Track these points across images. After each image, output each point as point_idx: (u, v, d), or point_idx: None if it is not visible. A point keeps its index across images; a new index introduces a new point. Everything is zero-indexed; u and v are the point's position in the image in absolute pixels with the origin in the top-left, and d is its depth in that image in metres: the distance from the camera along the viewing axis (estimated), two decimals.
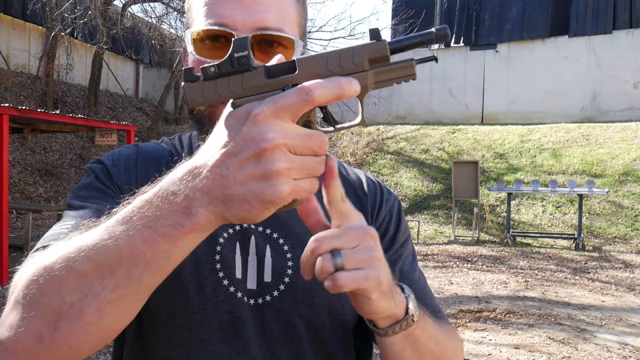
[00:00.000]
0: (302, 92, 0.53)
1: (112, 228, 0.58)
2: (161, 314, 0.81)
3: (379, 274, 0.63)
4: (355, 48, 0.58)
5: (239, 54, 0.56)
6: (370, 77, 0.58)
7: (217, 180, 0.54)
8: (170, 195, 0.56)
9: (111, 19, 15.75)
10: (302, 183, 0.55)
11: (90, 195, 0.84)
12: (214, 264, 0.83)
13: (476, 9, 18.24)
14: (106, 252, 0.57)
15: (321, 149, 0.55)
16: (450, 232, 11.66)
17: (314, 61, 0.57)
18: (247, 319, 0.82)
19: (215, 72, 0.57)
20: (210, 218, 0.55)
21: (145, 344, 0.84)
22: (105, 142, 9.65)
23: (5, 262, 6.58)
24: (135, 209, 0.58)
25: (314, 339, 0.85)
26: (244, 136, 0.53)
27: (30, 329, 0.60)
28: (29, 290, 0.60)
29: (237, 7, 0.81)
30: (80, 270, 0.58)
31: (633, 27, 16.20)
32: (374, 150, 16.31)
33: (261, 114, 0.53)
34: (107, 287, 0.58)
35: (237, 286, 0.83)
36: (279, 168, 0.52)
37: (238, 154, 0.53)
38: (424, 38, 0.60)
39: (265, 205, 0.54)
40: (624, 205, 11.61)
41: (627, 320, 5.73)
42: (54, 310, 0.59)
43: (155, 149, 0.94)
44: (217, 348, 0.81)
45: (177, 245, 0.56)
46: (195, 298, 0.81)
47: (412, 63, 0.59)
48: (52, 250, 0.63)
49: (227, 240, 0.85)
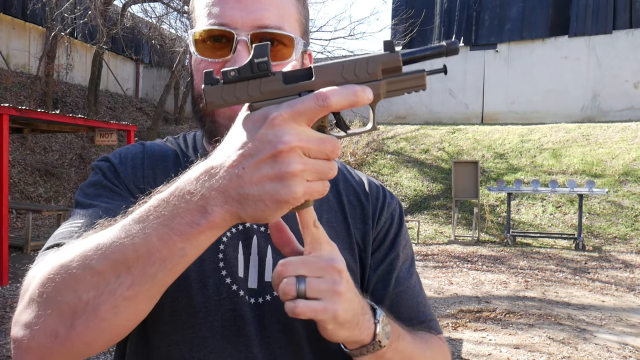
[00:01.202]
0: (319, 98, 0.55)
1: (129, 227, 0.60)
2: (165, 311, 0.82)
3: (336, 308, 0.66)
4: (369, 58, 0.60)
5: (259, 60, 0.58)
6: (382, 86, 0.60)
7: (233, 180, 0.56)
8: (186, 194, 0.57)
9: (111, 19, 15.75)
10: (315, 185, 0.57)
11: (98, 194, 0.85)
12: (217, 262, 0.84)
13: (476, 9, 18.24)
14: (123, 250, 0.59)
15: (333, 153, 0.57)
16: (450, 232, 11.66)
17: (330, 69, 0.59)
18: (248, 317, 0.83)
19: (235, 76, 0.59)
20: (225, 217, 0.57)
21: (148, 341, 0.85)
22: (105, 142, 9.65)
23: (5, 262, 6.58)
24: (152, 208, 0.59)
25: (312, 339, 0.85)
26: (261, 138, 0.55)
27: (46, 327, 0.61)
28: (45, 288, 0.62)
29: (237, 6, 0.82)
30: (97, 268, 0.60)
31: (633, 27, 16.20)
32: (374, 150, 16.31)
33: (278, 117, 0.55)
34: (123, 285, 0.59)
35: (239, 285, 0.84)
36: (294, 170, 0.54)
37: (254, 155, 0.55)
38: (435, 51, 0.63)
39: (279, 206, 0.55)
40: (624, 205, 11.61)
41: (627, 320, 5.73)
42: (70, 307, 0.60)
43: (161, 148, 0.95)
44: (219, 345, 0.82)
45: (192, 243, 0.58)
46: (199, 296, 0.82)
47: (423, 74, 0.61)
48: (69, 249, 0.64)
49: (230, 239, 0.86)
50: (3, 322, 5.18)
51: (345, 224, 0.93)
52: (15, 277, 6.77)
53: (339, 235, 0.91)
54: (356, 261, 0.92)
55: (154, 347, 0.84)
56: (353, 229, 0.93)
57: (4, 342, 4.64)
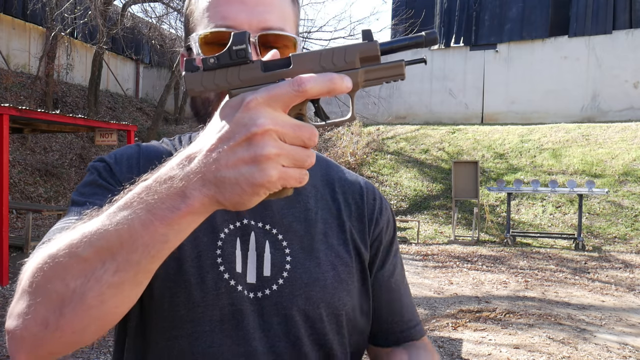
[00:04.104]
0: (294, 84, 0.55)
1: (114, 214, 0.60)
2: (164, 307, 0.83)
3: None
4: (347, 47, 0.61)
5: (237, 47, 0.59)
6: (360, 74, 0.61)
7: (210, 164, 0.56)
8: (167, 180, 0.58)
9: (111, 19, 15.75)
10: (291, 171, 0.56)
11: (93, 192, 0.86)
12: (215, 258, 0.85)
13: (476, 9, 18.23)
14: (107, 236, 0.59)
15: (311, 141, 0.57)
16: (450, 232, 11.66)
17: (308, 57, 0.60)
18: (247, 311, 0.85)
19: (214, 63, 0.60)
20: (204, 201, 0.57)
21: (147, 336, 0.86)
22: (105, 142, 9.65)
23: (5, 262, 6.58)
24: (136, 194, 0.60)
25: (311, 332, 0.87)
26: (237, 121, 0.56)
27: (37, 316, 0.62)
28: (34, 278, 0.62)
29: (242, 8, 0.83)
30: (83, 255, 0.60)
31: (633, 27, 16.20)
32: (374, 150, 16.31)
33: (253, 101, 0.55)
34: (108, 271, 0.59)
35: (237, 280, 0.85)
36: (268, 153, 0.54)
37: (230, 139, 0.56)
38: (414, 41, 0.63)
39: (254, 190, 0.55)
40: (624, 205, 11.61)
41: (627, 320, 5.73)
42: (58, 295, 0.61)
43: (157, 149, 0.96)
44: (218, 339, 0.83)
45: (173, 228, 0.58)
46: (197, 291, 0.83)
47: (401, 63, 0.61)
48: (57, 240, 0.65)
49: (228, 235, 0.87)
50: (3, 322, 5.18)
51: (340, 220, 0.95)
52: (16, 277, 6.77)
53: (332, 229, 0.93)
54: (351, 256, 0.93)
55: (153, 343, 0.85)
56: (348, 225, 0.95)
57: (3, 342, 4.64)
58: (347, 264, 0.92)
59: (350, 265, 0.93)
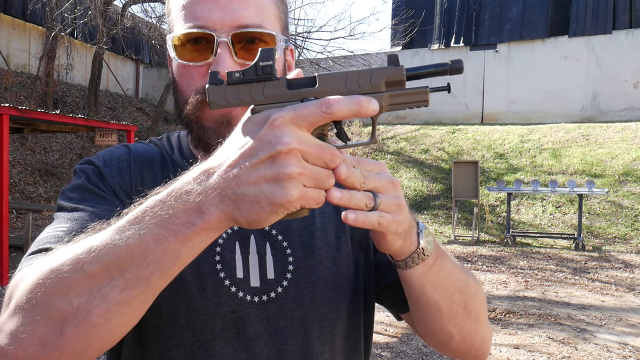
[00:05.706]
0: (323, 105, 0.55)
1: (123, 228, 0.58)
2: (163, 316, 0.81)
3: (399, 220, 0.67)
4: (374, 70, 0.61)
5: (264, 63, 0.59)
6: (385, 98, 0.61)
7: (230, 179, 0.55)
8: (184, 194, 0.57)
9: (111, 19, 15.74)
10: (311, 192, 0.56)
11: (82, 198, 0.82)
12: (214, 264, 0.84)
13: (476, 9, 18.23)
14: (117, 252, 0.57)
15: (332, 162, 0.57)
16: (450, 232, 11.66)
17: (334, 78, 0.60)
18: (251, 317, 0.83)
19: (239, 78, 0.59)
20: (220, 218, 0.56)
21: (145, 347, 0.83)
22: (105, 142, 9.64)
23: (5, 262, 6.59)
24: (148, 208, 0.58)
25: (318, 332, 0.86)
26: (261, 139, 0.55)
27: (34, 335, 0.58)
28: (33, 294, 0.59)
29: (215, 7, 0.81)
30: (90, 271, 0.58)
31: (633, 27, 16.19)
32: (374, 151, 16.31)
33: (279, 119, 0.55)
34: (116, 288, 0.57)
35: (238, 286, 0.83)
36: (291, 172, 0.54)
37: (253, 156, 0.55)
38: (440, 69, 0.64)
39: (274, 208, 0.55)
40: (624, 205, 11.61)
41: (627, 320, 5.73)
42: (60, 313, 0.58)
43: (147, 150, 0.93)
44: (220, 348, 0.82)
45: (187, 245, 0.57)
46: (198, 299, 0.81)
47: (426, 90, 0.62)
48: (59, 253, 0.62)
49: (226, 240, 0.85)
50: None
51: (337, 212, 0.94)
52: None
53: (330, 222, 0.93)
54: (349, 248, 0.93)
55: (153, 353, 0.83)
56: None
57: None
58: (347, 257, 0.92)
59: (349, 259, 0.92)
